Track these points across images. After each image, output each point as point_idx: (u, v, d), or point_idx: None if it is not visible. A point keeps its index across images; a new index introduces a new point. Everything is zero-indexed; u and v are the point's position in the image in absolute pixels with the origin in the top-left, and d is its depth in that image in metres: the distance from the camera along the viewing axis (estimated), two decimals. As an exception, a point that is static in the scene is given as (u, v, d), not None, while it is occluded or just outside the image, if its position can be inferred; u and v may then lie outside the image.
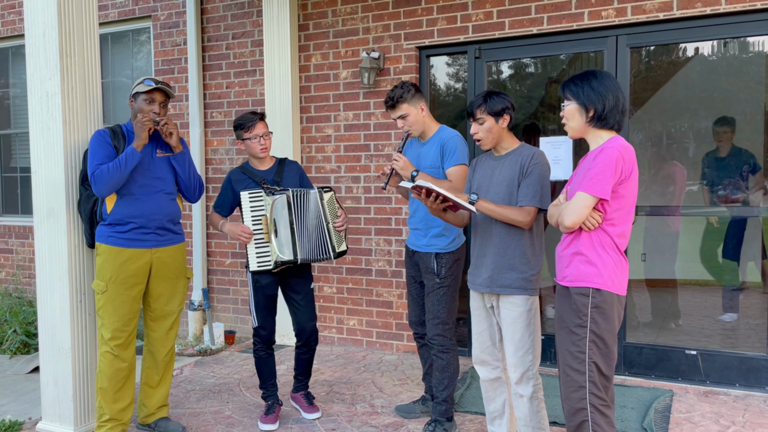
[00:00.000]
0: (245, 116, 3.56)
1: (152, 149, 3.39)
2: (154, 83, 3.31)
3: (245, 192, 3.49)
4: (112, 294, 3.26)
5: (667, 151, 4.33)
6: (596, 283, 2.43)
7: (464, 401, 3.95)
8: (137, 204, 3.29)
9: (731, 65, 4.12)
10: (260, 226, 3.49)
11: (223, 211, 3.67)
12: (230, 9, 5.60)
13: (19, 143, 6.93)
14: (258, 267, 3.49)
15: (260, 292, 3.56)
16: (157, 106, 3.32)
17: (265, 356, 3.65)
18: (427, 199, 2.83)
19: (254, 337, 3.64)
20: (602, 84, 2.48)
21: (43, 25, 3.42)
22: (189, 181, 3.46)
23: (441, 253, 3.38)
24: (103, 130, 3.33)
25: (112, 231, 3.29)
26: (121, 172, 3.19)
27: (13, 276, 6.84)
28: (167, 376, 3.58)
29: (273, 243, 3.47)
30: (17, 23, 6.64)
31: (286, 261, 3.49)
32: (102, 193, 3.22)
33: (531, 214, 2.84)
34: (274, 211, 3.48)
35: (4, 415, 3.88)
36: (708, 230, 4.26)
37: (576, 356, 2.46)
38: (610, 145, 2.41)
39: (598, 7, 4.31)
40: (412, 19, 4.89)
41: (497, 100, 2.92)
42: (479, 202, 2.84)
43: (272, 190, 3.50)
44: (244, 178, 3.60)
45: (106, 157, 3.24)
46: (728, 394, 4.04)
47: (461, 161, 3.35)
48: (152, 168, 3.36)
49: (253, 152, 3.58)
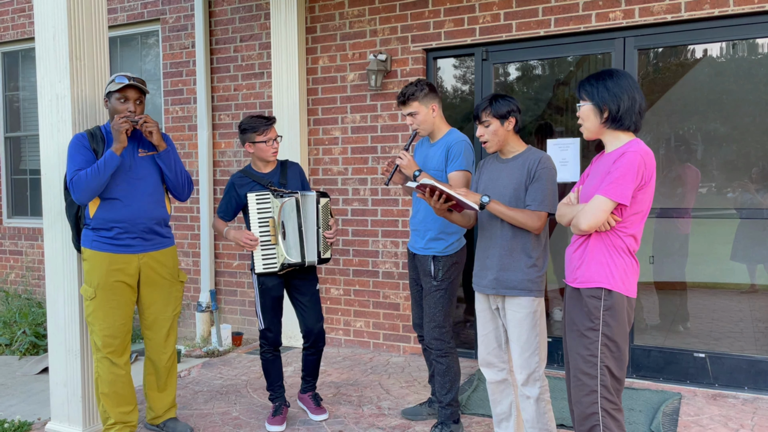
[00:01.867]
0: (257, 120, 3.52)
1: (133, 149, 3.25)
2: (127, 80, 3.16)
3: (252, 194, 3.47)
4: (101, 300, 3.17)
5: (676, 153, 4.31)
6: (608, 284, 2.40)
7: (471, 403, 3.95)
8: (120, 207, 3.17)
9: (740, 67, 4.10)
10: (267, 228, 3.49)
11: (227, 216, 3.63)
12: (238, 12, 5.62)
13: (29, 146, 6.98)
14: (264, 269, 3.49)
15: (266, 295, 3.57)
16: (131, 104, 3.18)
17: (272, 358, 3.66)
18: (431, 198, 2.83)
19: (261, 339, 3.64)
20: (617, 84, 2.42)
21: (53, 28, 3.44)
22: (176, 179, 3.32)
23: (438, 256, 3.37)
24: (82, 134, 3.21)
25: (96, 236, 3.18)
26: (99, 178, 3.06)
27: (22, 277, 6.89)
28: (171, 381, 3.53)
29: (280, 245, 3.48)
30: (27, 26, 6.70)
31: (293, 263, 3.50)
32: (81, 200, 3.10)
33: (542, 219, 2.84)
34: (282, 213, 3.48)
35: (14, 415, 3.91)
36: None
37: (588, 360, 2.43)
38: (633, 150, 2.35)
39: (606, 9, 4.31)
40: (420, 21, 4.90)
41: (503, 103, 2.92)
42: (491, 204, 2.84)
43: (280, 192, 3.50)
44: (248, 182, 3.59)
45: (85, 162, 3.11)
46: (737, 397, 4.02)
47: (464, 167, 3.31)
48: (134, 169, 3.22)
49: (264, 155, 3.56)
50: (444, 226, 3.36)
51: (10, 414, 3.93)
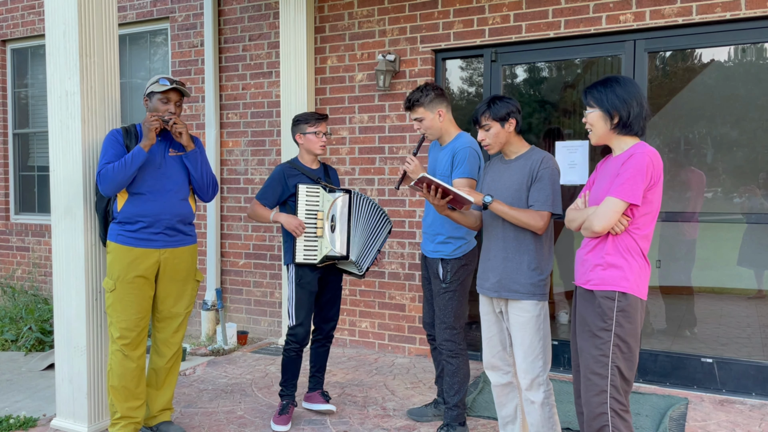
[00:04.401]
0: (310, 113, 3.65)
1: (164, 148, 3.37)
2: (170, 83, 3.28)
3: (304, 186, 3.54)
4: (120, 293, 3.25)
5: (685, 157, 4.29)
6: (622, 287, 2.42)
7: (476, 406, 3.93)
8: (146, 203, 3.27)
9: (748, 71, 4.08)
10: (313, 220, 3.55)
11: (270, 203, 3.64)
12: (247, 11, 5.63)
13: (37, 142, 7.00)
14: (304, 259, 3.53)
15: (305, 289, 3.58)
16: (172, 106, 3.31)
17: (295, 357, 3.63)
18: (428, 193, 2.84)
19: (288, 336, 3.61)
20: (626, 90, 2.46)
21: (64, 25, 3.45)
22: (202, 179, 3.43)
23: (447, 259, 3.37)
24: (117, 130, 3.33)
25: (122, 229, 3.28)
26: (126, 171, 3.16)
27: (29, 274, 6.91)
28: (171, 379, 3.53)
29: (326, 237, 3.53)
30: (36, 23, 6.72)
31: (336, 256, 3.55)
32: (107, 192, 3.21)
33: (545, 219, 2.83)
34: (334, 207, 3.56)
35: (19, 411, 3.91)
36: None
37: (599, 360, 2.44)
38: (640, 151, 2.40)
39: (616, 12, 4.29)
40: (429, 22, 4.89)
41: (501, 105, 2.90)
42: (494, 203, 2.83)
43: (331, 188, 3.60)
44: (297, 174, 3.65)
45: (115, 156, 3.24)
46: (744, 403, 3.99)
47: (467, 174, 3.29)
48: (163, 167, 3.34)
49: (312, 147, 3.63)
50: (452, 230, 3.36)
51: (15, 410, 3.94)
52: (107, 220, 3.39)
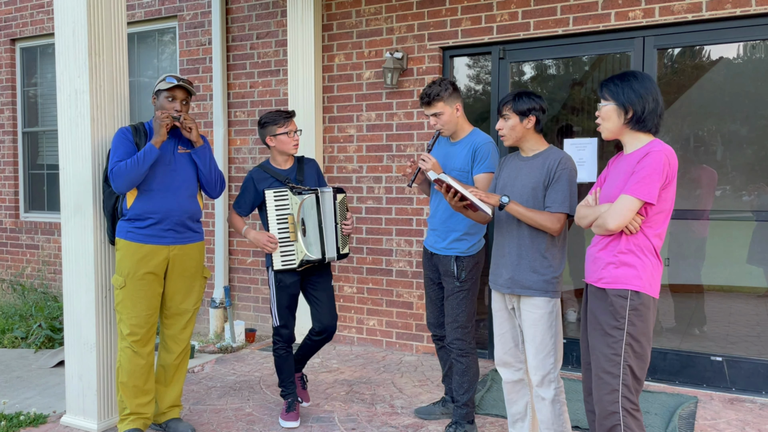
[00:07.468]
0: (276, 113, 3.56)
1: (173, 146, 3.40)
2: (176, 80, 3.31)
3: (270, 191, 3.48)
4: (130, 290, 3.27)
5: (695, 154, 4.27)
6: (635, 285, 2.41)
7: (484, 404, 3.93)
8: (156, 200, 3.30)
9: (758, 68, 4.05)
10: (285, 225, 3.50)
11: (243, 210, 3.64)
12: (255, 9, 5.63)
13: (46, 141, 7.04)
14: (282, 266, 3.50)
15: (284, 292, 3.57)
16: (178, 104, 3.33)
17: (285, 355, 3.66)
18: (446, 194, 2.84)
19: (275, 336, 3.64)
20: (643, 86, 2.45)
21: (73, 24, 3.46)
22: (210, 176, 3.45)
23: (461, 257, 3.35)
24: (126, 128, 3.35)
25: (131, 226, 3.30)
26: (139, 168, 3.20)
27: (38, 271, 6.95)
28: (180, 376, 3.55)
29: (300, 242, 3.49)
30: (45, 22, 6.75)
31: (313, 260, 3.50)
32: (120, 189, 3.24)
33: (561, 221, 2.82)
34: (302, 210, 3.49)
35: (29, 407, 3.94)
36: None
37: (611, 359, 2.43)
38: (657, 149, 2.38)
39: (625, 8, 4.27)
40: (436, 19, 4.88)
41: (525, 100, 2.92)
42: (510, 204, 2.82)
43: (299, 189, 3.51)
44: (266, 177, 3.60)
45: (126, 154, 3.26)
46: (754, 401, 3.97)
47: (491, 169, 3.31)
48: (173, 164, 3.37)
49: (284, 148, 3.56)
50: (468, 227, 3.35)
51: (26, 406, 3.97)
52: (115, 219, 3.42)
